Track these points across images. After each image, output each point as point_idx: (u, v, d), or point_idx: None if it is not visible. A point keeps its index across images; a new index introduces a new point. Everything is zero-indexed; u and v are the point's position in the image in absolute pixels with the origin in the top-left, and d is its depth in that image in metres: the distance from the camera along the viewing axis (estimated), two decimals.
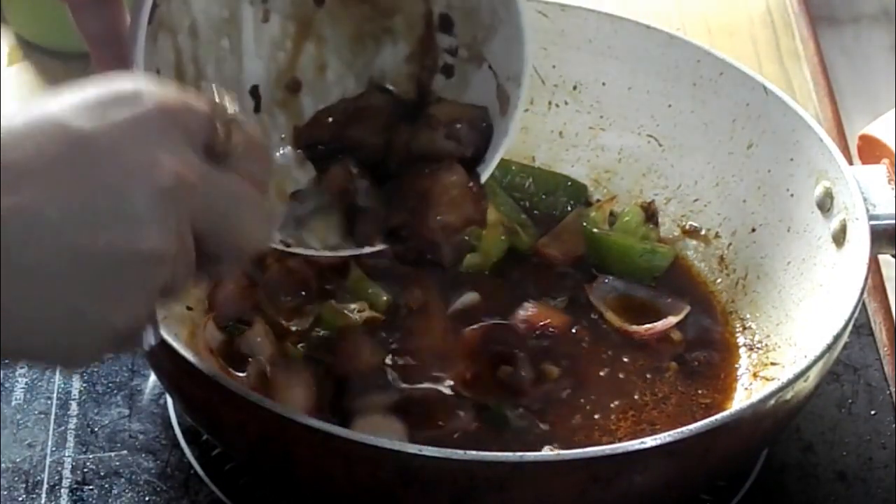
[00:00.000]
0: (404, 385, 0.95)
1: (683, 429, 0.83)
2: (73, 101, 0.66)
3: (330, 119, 0.93)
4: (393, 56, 0.95)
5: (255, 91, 0.95)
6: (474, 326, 0.99)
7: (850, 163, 1.01)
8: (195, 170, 0.67)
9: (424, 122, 0.91)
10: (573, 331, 1.02)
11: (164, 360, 0.88)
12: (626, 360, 1.01)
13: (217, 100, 0.73)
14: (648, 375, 1.00)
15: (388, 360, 0.96)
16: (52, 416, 0.99)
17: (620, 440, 0.93)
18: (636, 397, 0.98)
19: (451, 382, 0.96)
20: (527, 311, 1.01)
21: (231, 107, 0.73)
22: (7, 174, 0.63)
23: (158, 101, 0.67)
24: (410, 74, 0.95)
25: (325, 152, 0.92)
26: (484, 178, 0.91)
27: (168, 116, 0.67)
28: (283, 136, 0.95)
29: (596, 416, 0.96)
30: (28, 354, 0.69)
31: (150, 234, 0.65)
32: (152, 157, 0.65)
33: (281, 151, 0.95)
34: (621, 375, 0.99)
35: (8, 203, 0.62)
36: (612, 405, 0.97)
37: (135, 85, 0.68)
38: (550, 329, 1.00)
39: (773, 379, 0.98)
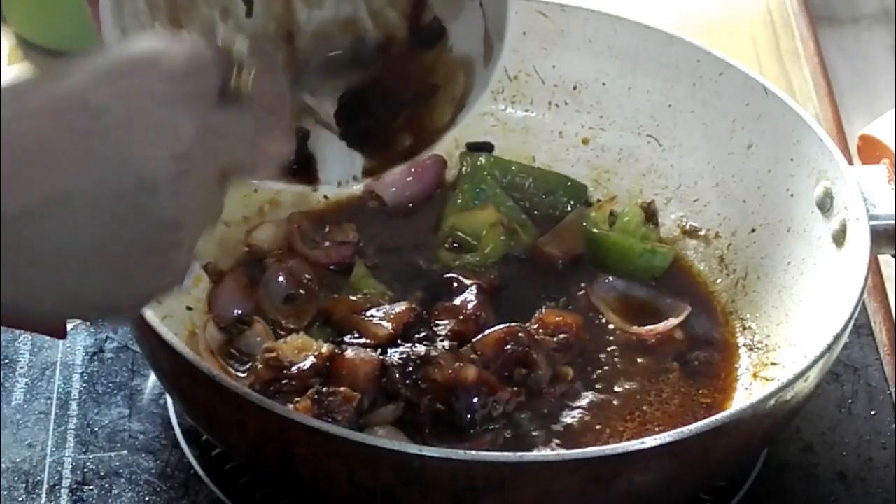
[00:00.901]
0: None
1: (683, 429, 0.83)
2: (91, 71, 0.68)
3: None
4: None
5: None
6: (489, 330, 0.98)
7: (850, 163, 1.01)
8: (210, 120, 0.70)
9: None
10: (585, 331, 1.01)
11: (164, 360, 0.88)
12: (628, 360, 1.00)
13: (222, 44, 0.75)
14: (651, 376, 1.00)
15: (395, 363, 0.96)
16: (52, 416, 0.99)
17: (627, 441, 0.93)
18: (640, 398, 0.98)
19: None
20: (540, 312, 1.01)
21: (238, 47, 0.75)
22: (38, 157, 0.65)
23: (169, 64, 0.70)
24: None
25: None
26: (462, 118, 0.94)
27: (180, 76, 0.70)
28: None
29: (602, 418, 0.96)
30: (75, 316, 0.76)
31: (171, 203, 0.68)
32: (167, 122, 0.68)
33: None
34: (625, 376, 0.99)
35: (40, 191, 0.65)
36: (617, 406, 0.97)
37: (146, 49, 0.70)
38: (564, 329, 1.00)
39: (773, 379, 0.98)
